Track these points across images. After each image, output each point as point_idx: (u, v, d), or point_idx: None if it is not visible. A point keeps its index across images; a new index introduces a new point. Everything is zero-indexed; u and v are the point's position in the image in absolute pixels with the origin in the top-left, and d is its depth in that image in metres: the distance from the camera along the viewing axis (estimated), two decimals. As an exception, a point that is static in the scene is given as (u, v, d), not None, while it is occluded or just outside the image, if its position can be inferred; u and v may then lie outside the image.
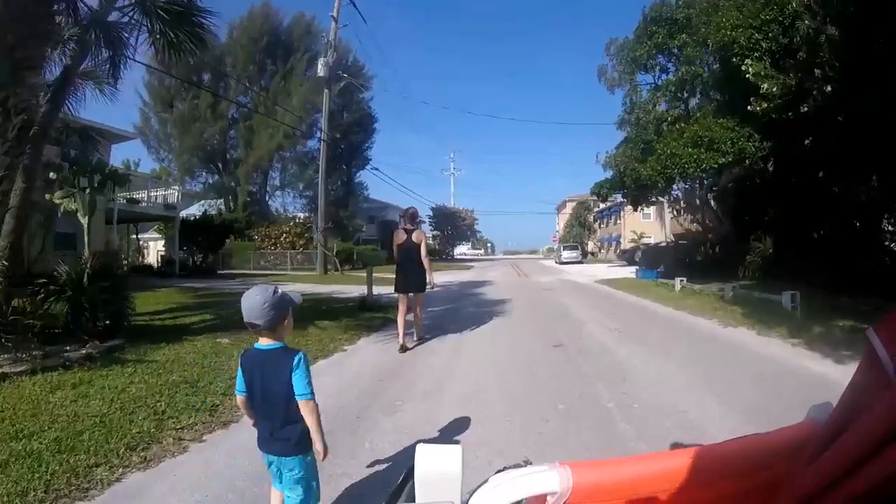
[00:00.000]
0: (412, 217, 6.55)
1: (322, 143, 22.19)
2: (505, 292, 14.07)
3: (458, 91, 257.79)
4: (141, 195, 22.09)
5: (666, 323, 8.73)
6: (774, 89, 9.91)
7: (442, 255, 53.94)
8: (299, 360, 1.87)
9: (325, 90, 22.04)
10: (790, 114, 10.75)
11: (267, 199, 36.56)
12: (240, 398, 2.02)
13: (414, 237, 6.15)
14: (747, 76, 10.16)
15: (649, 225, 41.65)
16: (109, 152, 20.38)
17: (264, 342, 1.92)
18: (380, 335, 7.56)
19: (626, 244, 41.31)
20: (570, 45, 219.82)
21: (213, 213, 29.41)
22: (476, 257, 68.88)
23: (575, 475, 0.58)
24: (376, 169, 64.40)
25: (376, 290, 10.82)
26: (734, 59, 10.72)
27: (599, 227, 51.30)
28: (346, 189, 37.14)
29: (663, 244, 26.42)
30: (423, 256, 6.16)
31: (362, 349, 6.68)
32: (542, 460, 0.65)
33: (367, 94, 38.85)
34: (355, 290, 14.13)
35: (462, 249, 75.62)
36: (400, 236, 6.19)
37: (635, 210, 32.86)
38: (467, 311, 10.19)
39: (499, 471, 0.61)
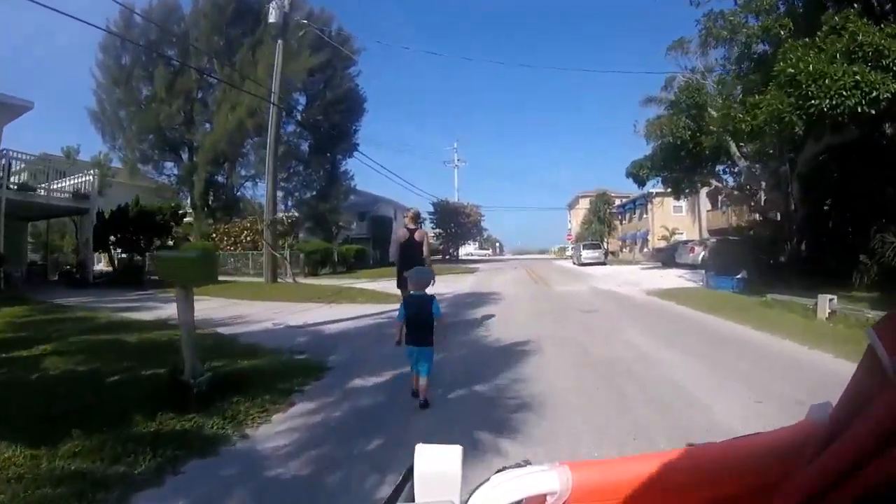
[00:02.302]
0: (415, 217, 6.85)
1: (272, 106, 16.90)
2: (521, 321, 8.57)
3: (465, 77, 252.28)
4: (63, 184, 16.97)
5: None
6: None
7: (445, 255, 48.49)
8: (433, 298, 3.94)
9: (279, 41, 16.72)
10: None
11: (236, 191, 31.32)
12: (400, 323, 4.03)
13: (416, 236, 6.25)
14: None
15: (681, 219, 36.04)
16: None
17: (417, 292, 3.96)
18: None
19: (654, 241, 35.64)
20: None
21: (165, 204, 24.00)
22: (483, 258, 63.47)
23: (574, 475, 0.57)
24: (362, 155, 59.18)
25: (300, 314, 5.73)
26: None
27: (620, 223, 45.59)
28: (329, 179, 31.81)
29: (732, 239, 20.48)
30: (426, 255, 6.23)
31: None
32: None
33: (357, 71, 33.58)
34: (275, 318, 8.85)
35: (468, 249, 70.28)
36: (403, 235, 6.28)
37: (677, 198, 27.29)
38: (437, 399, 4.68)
39: (498, 470, 0.60)
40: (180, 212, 19.70)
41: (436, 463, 0.66)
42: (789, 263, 14.98)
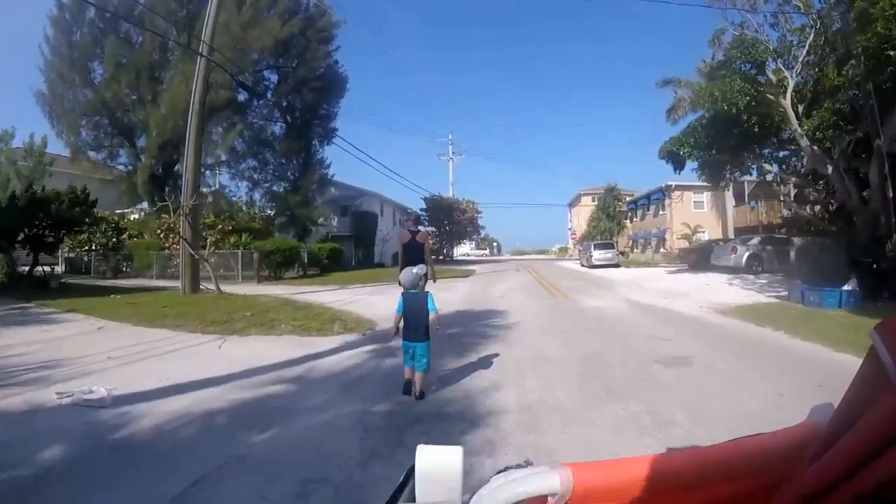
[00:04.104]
0: (416, 220, 7.41)
1: (199, 59, 12.76)
2: (565, 402, 4.36)
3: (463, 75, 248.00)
4: None
5: None
6: None
7: (438, 256, 44.31)
8: (429, 294, 4.05)
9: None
10: None
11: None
12: (399, 315, 4.05)
13: (418, 238, 6.51)
14: None
15: (703, 216, 31.97)
16: None
17: (413, 290, 4.04)
18: None
19: (673, 240, 31.58)
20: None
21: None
22: (481, 258, 59.33)
23: (576, 476, 0.56)
24: (346, 143, 54.95)
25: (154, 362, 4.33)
26: None
27: (631, 220, 41.50)
28: (303, 168, 27.59)
29: (816, 238, 16.14)
30: (427, 255, 6.35)
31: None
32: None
33: (336, 46, 29.39)
34: (104, 370, 4.65)
35: (465, 249, 66.12)
36: (406, 237, 6.53)
37: (717, 187, 23.21)
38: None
39: (499, 471, 0.60)
40: (91, 200, 15.42)
41: (436, 464, 0.65)
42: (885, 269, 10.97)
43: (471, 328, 7.35)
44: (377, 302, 11.03)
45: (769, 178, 20.47)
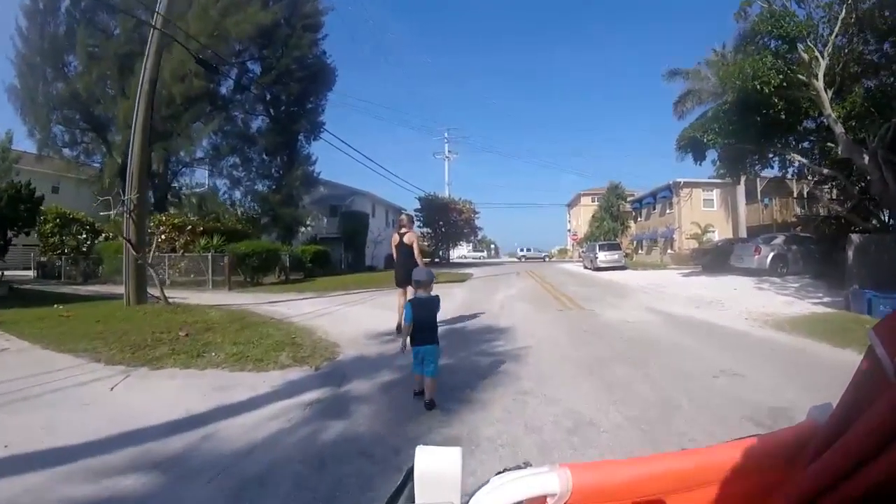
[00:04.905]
0: (405, 222, 7.20)
1: (152, 32, 10.85)
2: None
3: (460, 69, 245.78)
4: None
5: None
6: None
7: (434, 258, 42.45)
8: (439, 298, 4.00)
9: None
10: None
11: (170, 179, 25.15)
12: (408, 325, 3.78)
13: (405, 238, 6.73)
14: None
15: (713, 215, 30.27)
16: None
17: (423, 293, 3.90)
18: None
19: (682, 240, 29.82)
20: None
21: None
22: (477, 260, 57.49)
23: (575, 477, 0.56)
24: (337, 139, 53.30)
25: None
26: None
27: (635, 220, 39.72)
28: (288, 165, 25.73)
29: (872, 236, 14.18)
30: (416, 254, 6.73)
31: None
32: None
33: (324, 35, 27.61)
34: None
35: (461, 252, 64.31)
36: (395, 238, 6.88)
37: (737, 180, 21.55)
38: None
39: (498, 472, 0.59)
40: (36, 197, 13.52)
41: (436, 464, 0.64)
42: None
43: (465, 360, 5.49)
44: (354, 315, 9.20)
45: (790, 171, 18.75)
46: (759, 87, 12.01)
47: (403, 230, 6.92)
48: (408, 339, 3.82)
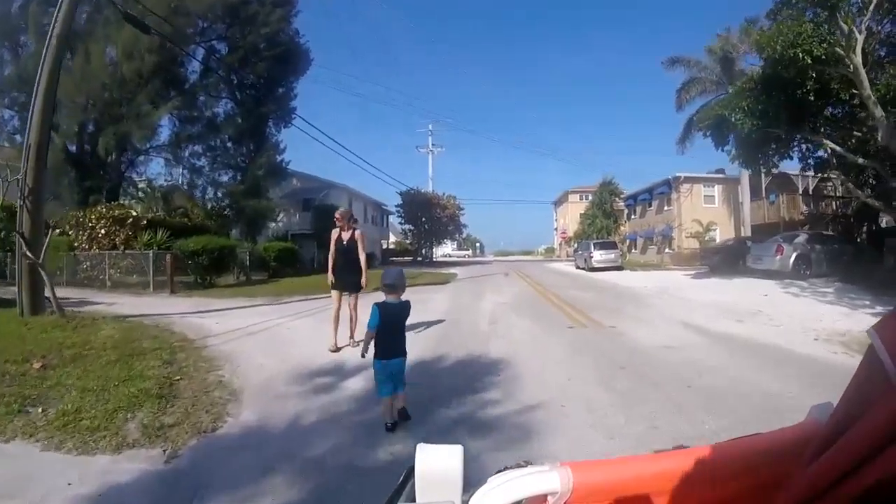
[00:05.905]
0: (347, 217, 6.22)
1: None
2: None
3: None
4: None
5: None
6: None
7: (415, 257, 40.18)
8: (409, 304, 3.59)
9: None
10: None
11: (124, 168, 22.50)
12: (371, 332, 3.26)
13: (349, 237, 5.92)
14: None
15: (714, 212, 28.54)
16: None
17: (394, 299, 3.43)
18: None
19: (682, 239, 28.02)
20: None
21: None
22: (462, 259, 55.37)
23: (575, 475, 0.56)
24: (310, 126, 50.88)
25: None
26: None
27: (629, 217, 37.92)
28: (254, 153, 23.25)
29: None
30: (360, 255, 5.94)
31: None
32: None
33: (296, 12, 25.11)
34: None
35: (446, 250, 62.07)
36: (335, 235, 5.99)
37: (765, 171, 19.60)
38: None
39: (499, 471, 0.58)
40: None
41: (437, 463, 0.63)
42: None
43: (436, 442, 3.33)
44: (294, 333, 6.98)
45: (811, 162, 16.91)
46: (800, 55, 10.05)
47: (347, 227, 6.05)
48: (370, 347, 3.32)
